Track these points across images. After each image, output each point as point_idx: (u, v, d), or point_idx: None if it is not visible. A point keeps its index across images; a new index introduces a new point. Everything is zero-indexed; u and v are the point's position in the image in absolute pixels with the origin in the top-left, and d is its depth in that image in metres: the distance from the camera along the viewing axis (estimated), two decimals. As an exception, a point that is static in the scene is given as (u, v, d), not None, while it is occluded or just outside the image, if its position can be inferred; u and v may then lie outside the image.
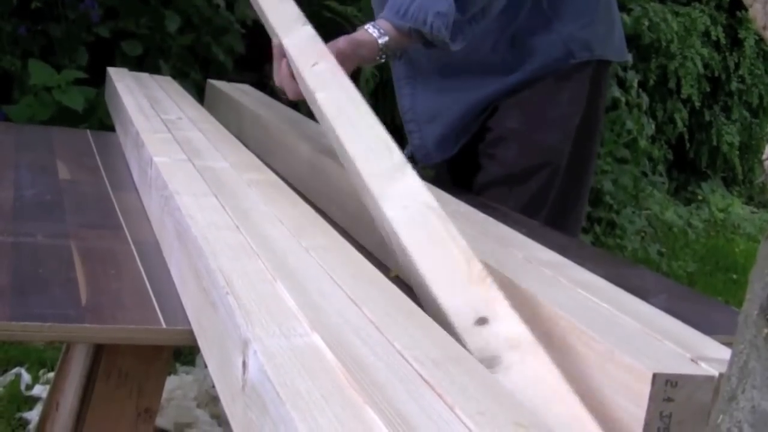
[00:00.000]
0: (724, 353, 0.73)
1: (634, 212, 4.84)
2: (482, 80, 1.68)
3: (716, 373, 0.68)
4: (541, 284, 0.88)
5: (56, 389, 1.52)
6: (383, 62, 1.49)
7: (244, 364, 0.68)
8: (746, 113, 6.29)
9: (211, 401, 2.22)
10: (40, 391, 2.23)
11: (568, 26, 1.64)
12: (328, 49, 1.34)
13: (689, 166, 6.10)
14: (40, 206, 1.26)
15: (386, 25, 1.42)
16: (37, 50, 3.00)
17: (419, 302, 0.84)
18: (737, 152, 6.15)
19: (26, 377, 2.30)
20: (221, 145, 1.40)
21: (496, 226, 1.13)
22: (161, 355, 1.04)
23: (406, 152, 1.61)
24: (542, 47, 1.64)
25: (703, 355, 0.72)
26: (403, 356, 0.67)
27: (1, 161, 1.51)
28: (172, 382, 2.23)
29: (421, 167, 1.78)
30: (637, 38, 4.98)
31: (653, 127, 5.21)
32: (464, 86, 1.71)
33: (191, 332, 0.88)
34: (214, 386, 2.22)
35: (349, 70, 1.38)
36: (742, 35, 5.98)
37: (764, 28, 0.54)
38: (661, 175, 5.58)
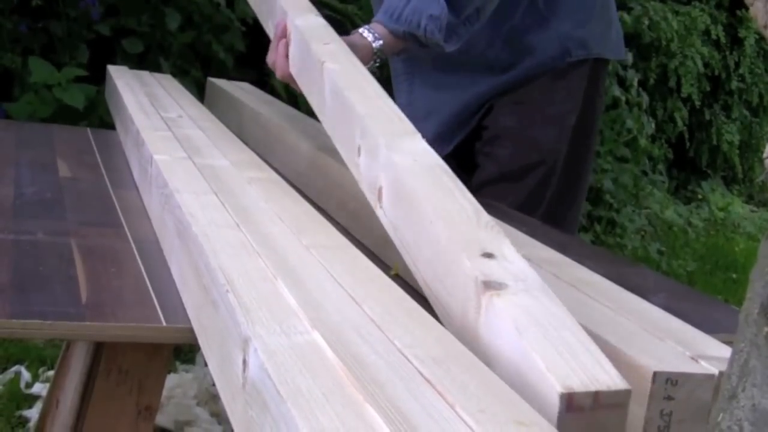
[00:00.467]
0: (724, 352, 0.73)
1: (634, 211, 4.84)
2: (479, 77, 1.68)
3: (716, 371, 0.68)
4: (541, 283, 0.88)
5: (56, 387, 1.52)
6: (378, 64, 1.48)
7: (244, 362, 0.68)
8: (746, 112, 6.30)
9: (211, 399, 2.22)
10: (39, 389, 2.23)
11: (564, 24, 1.65)
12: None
13: (689, 165, 6.10)
14: (40, 204, 1.26)
15: (380, 28, 1.42)
16: (37, 48, 3.00)
17: (419, 301, 0.84)
18: (737, 151, 6.15)
19: (26, 375, 2.30)
20: (221, 143, 1.40)
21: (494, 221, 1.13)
22: (161, 352, 1.04)
23: None
24: (538, 45, 1.64)
25: (703, 353, 0.72)
26: (403, 354, 0.67)
27: (1, 159, 1.51)
28: (172, 380, 2.23)
29: None
30: (637, 37, 4.98)
31: (653, 126, 5.21)
32: (461, 83, 1.71)
33: (191, 330, 0.88)
34: (214, 384, 2.22)
35: None
36: (742, 34, 5.98)
37: (765, 26, 0.54)
38: (661, 173, 5.58)
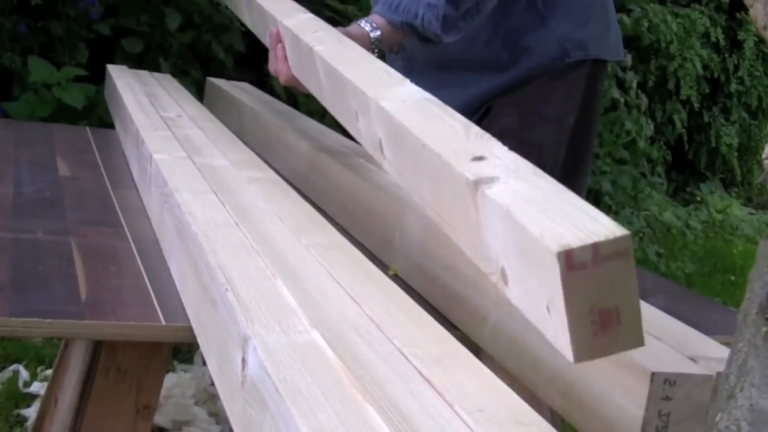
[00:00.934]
0: (722, 353, 0.73)
1: (632, 213, 4.84)
2: (477, 77, 1.68)
3: (714, 372, 0.68)
4: (540, 283, 0.88)
5: (55, 385, 1.52)
6: (379, 55, 1.48)
7: (243, 360, 0.68)
8: (745, 115, 6.29)
9: (209, 399, 2.22)
10: (38, 388, 2.23)
11: (563, 25, 1.64)
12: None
13: (688, 167, 6.10)
14: (39, 203, 1.26)
15: (379, 19, 1.43)
16: (37, 47, 3.00)
17: (418, 301, 0.85)
18: (736, 154, 6.15)
19: (24, 374, 2.30)
20: (221, 142, 1.40)
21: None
22: (160, 351, 1.04)
23: None
24: (537, 46, 1.64)
25: (701, 354, 0.72)
26: (402, 354, 0.67)
27: (1, 158, 1.51)
28: (170, 379, 2.23)
29: None
30: (636, 39, 4.98)
31: (652, 128, 5.20)
32: (459, 82, 1.71)
33: (190, 329, 0.88)
34: (212, 384, 2.22)
35: None
36: (741, 37, 5.98)
37: (765, 28, 0.55)
38: (659, 176, 5.58)
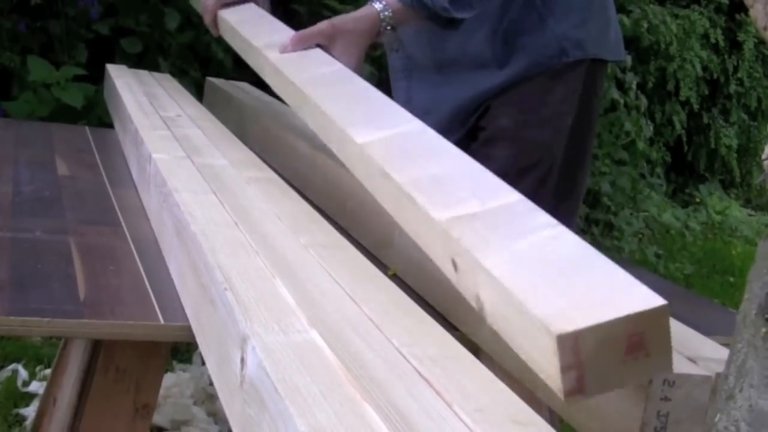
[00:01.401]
0: (721, 354, 0.73)
1: (631, 214, 4.84)
2: (475, 76, 1.67)
3: (713, 372, 0.68)
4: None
5: (54, 385, 1.52)
6: (380, 54, 1.49)
7: (242, 360, 0.68)
8: (744, 116, 6.30)
9: (207, 399, 2.22)
10: (36, 387, 2.23)
11: (561, 24, 1.64)
12: (325, 25, 1.41)
13: (687, 168, 6.10)
14: (38, 202, 1.26)
15: (385, 2, 1.43)
16: (36, 47, 3.00)
17: (417, 301, 0.85)
18: (735, 155, 6.15)
19: (23, 373, 2.30)
20: (220, 142, 1.40)
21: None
22: (159, 351, 1.04)
23: None
24: (535, 45, 1.64)
25: (700, 355, 0.72)
26: (401, 353, 0.67)
27: (0, 157, 1.51)
28: (169, 379, 2.23)
29: None
30: (636, 40, 4.98)
31: (651, 129, 5.20)
32: (457, 82, 1.71)
33: (189, 328, 0.88)
34: (210, 384, 2.22)
35: (356, 48, 1.40)
36: (741, 38, 5.98)
37: (765, 28, 0.55)
38: (659, 177, 5.58)
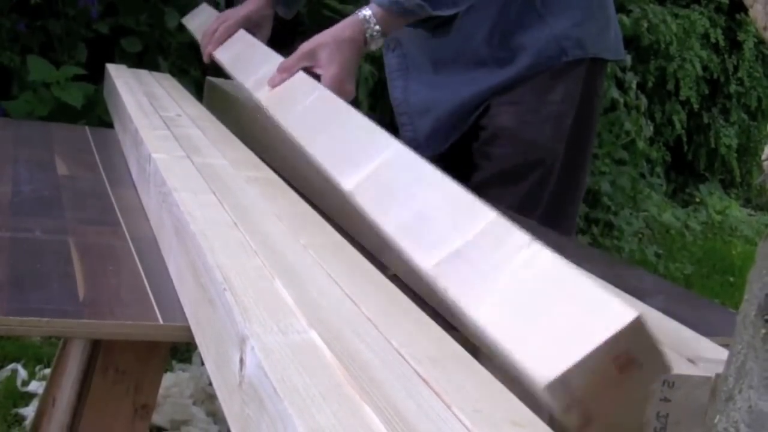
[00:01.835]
0: (720, 354, 0.73)
1: (631, 214, 4.84)
2: (474, 75, 1.68)
3: (713, 373, 0.68)
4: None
5: (53, 385, 1.52)
6: (376, 53, 1.50)
7: (241, 360, 0.68)
8: (745, 116, 6.30)
9: (207, 399, 2.22)
10: (36, 387, 2.23)
11: (560, 23, 1.64)
12: (305, 45, 1.43)
13: (687, 168, 6.10)
14: (38, 202, 1.26)
15: (373, 6, 1.45)
16: (36, 46, 3.00)
17: (416, 301, 0.84)
18: (735, 155, 6.16)
19: (23, 373, 2.30)
20: (220, 142, 1.40)
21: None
22: (158, 351, 1.04)
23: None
24: (534, 44, 1.64)
25: (699, 355, 0.72)
26: (400, 354, 0.67)
27: (-1, 156, 1.51)
28: (168, 379, 2.23)
29: None
30: (636, 40, 4.98)
31: (651, 128, 5.20)
32: (456, 80, 1.71)
33: (188, 329, 0.88)
34: (210, 384, 2.22)
35: (340, 56, 1.41)
36: (741, 38, 5.98)
37: (765, 29, 0.54)
38: (659, 176, 5.58)
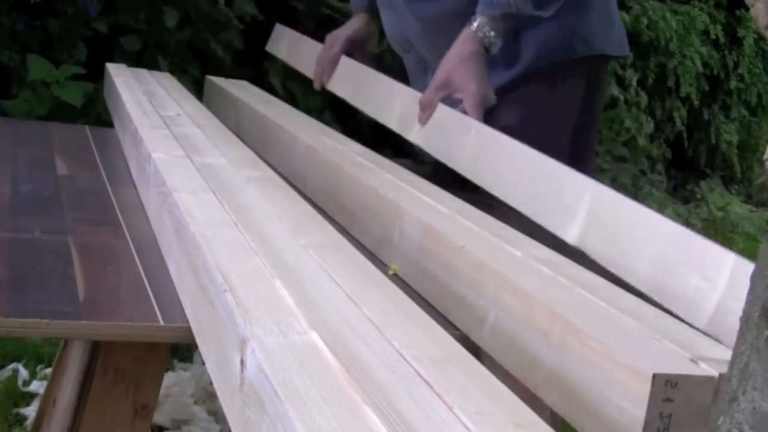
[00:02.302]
0: (724, 354, 0.73)
1: (632, 210, 4.82)
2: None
3: (716, 373, 0.68)
4: (540, 283, 0.88)
5: (53, 385, 1.52)
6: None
7: (242, 362, 0.68)
8: (745, 112, 6.29)
9: (208, 398, 2.22)
10: (37, 386, 2.23)
11: (568, 19, 1.64)
12: (437, 77, 1.53)
13: (688, 164, 6.10)
14: (37, 202, 1.26)
15: (481, 18, 1.52)
16: (35, 45, 3.00)
17: (417, 302, 0.84)
18: (736, 151, 6.15)
19: (23, 373, 2.30)
20: (220, 141, 1.39)
21: (494, 223, 1.13)
22: (158, 352, 1.03)
23: (416, 149, 1.63)
24: (542, 39, 1.64)
25: (703, 355, 0.72)
26: (401, 355, 0.66)
27: (-2, 156, 1.50)
28: (169, 378, 2.23)
29: (420, 164, 1.78)
30: (636, 36, 4.98)
31: (652, 125, 5.20)
32: None
33: (189, 329, 0.88)
34: (211, 383, 2.22)
35: (473, 71, 1.51)
36: (741, 34, 5.97)
37: (766, 27, 0.54)
38: (659, 173, 5.57)
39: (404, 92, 1.62)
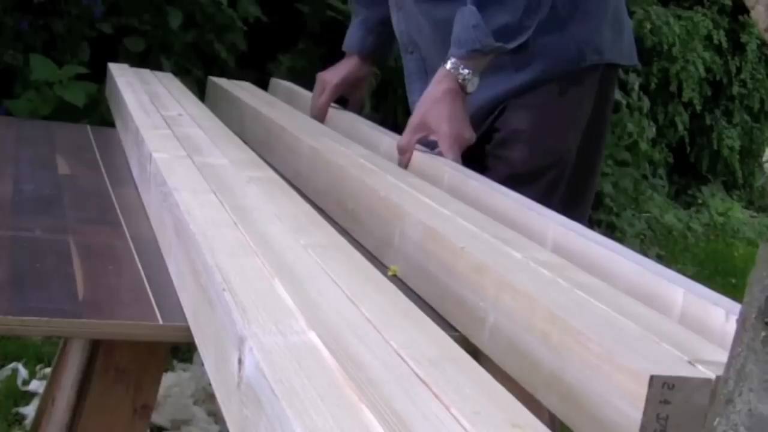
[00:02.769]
0: (721, 356, 0.73)
1: (634, 215, 4.84)
2: (492, 79, 1.67)
3: (713, 375, 0.68)
4: (539, 285, 0.88)
5: (53, 385, 1.52)
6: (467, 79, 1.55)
7: (240, 361, 0.68)
8: (747, 117, 6.29)
9: (208, 398, 2.22)
10: (37, 386, 2.23)
11: (581, 29, 1.64)
12: (412, 120, 1.54)
13: (690, 169, 6.10)
14: (39, 201, 1.26)
15: (453, 60, 1.53)
16: (39, 45, 3.00)
17: (416, 303, 0.84)
18: (738, 156, 6.15)
19: (23, 372, 2.30)
20: (221, 142, 1.40)
21: (495, 225, 1.13)
22: (158, 351, 1.03)
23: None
24: (554, 48, 1.64)
25: (700, 357, 0.72)
26: (399, 355, 0.66)
27: (1, 156, 1.51)
28: (169, 378, 2.23)
29: None
30: (639, 41, 4.96)
31: (654, 130, 5.20)
32: None
33: (188, 329, 0.88)
34: (211, 383, 2.22)
35: (447, 109, 1.51)
36: (744, 39, 5.97)
37: (766, 30, 0.54)
38: (661, 178, 5.57)
39: (387, 140, 1.65)
